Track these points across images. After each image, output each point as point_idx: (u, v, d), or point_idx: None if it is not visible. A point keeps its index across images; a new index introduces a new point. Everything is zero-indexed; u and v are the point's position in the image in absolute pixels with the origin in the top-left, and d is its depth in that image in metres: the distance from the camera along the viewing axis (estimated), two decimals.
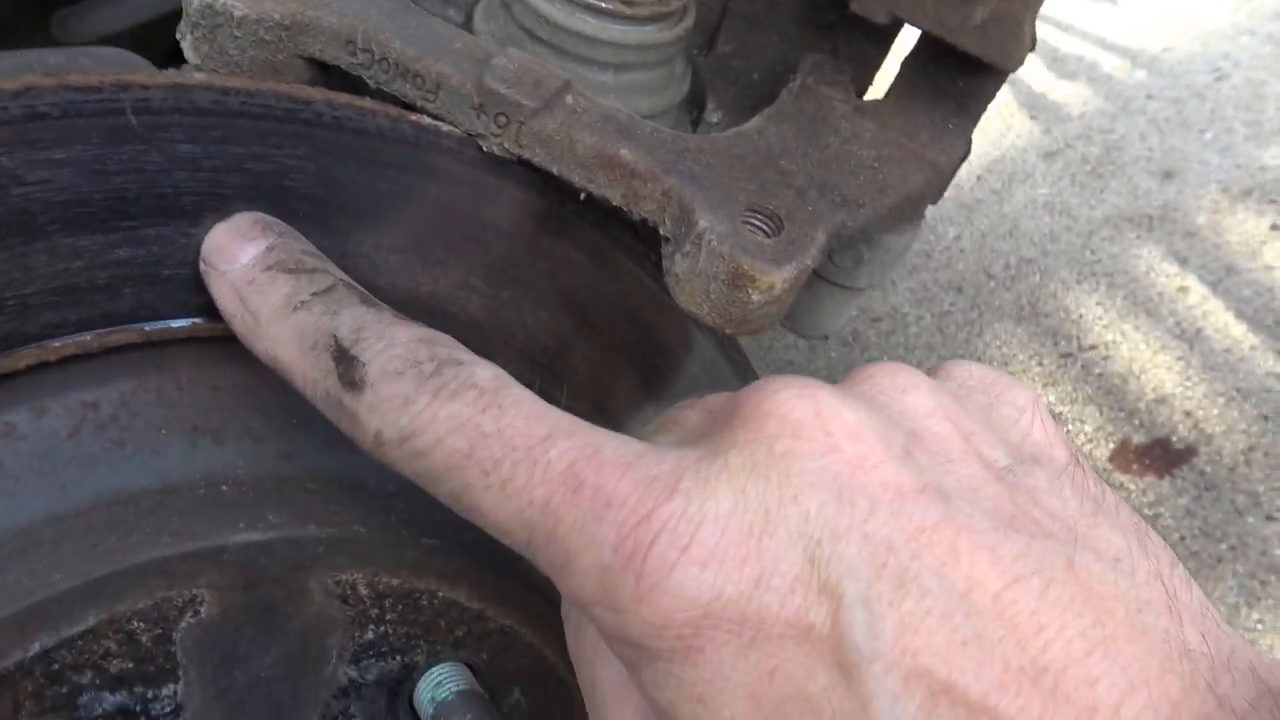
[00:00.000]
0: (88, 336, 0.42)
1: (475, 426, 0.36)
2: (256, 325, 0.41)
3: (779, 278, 0.44)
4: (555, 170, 0.47)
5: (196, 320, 0.44)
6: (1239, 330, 2.16)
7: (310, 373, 0.40)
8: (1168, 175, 2.61)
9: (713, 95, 0.57)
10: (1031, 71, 2.99)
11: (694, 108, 0.58)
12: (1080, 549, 0.33)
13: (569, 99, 0.47)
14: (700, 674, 0.33)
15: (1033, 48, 0.51)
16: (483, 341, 0.52)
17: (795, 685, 0.32)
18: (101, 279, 0.42)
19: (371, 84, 0.47)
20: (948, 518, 0.33)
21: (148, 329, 0.43)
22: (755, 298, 0.44)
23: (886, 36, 0.50)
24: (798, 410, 0.35)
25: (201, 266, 0.43)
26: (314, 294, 0.41)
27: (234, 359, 0.45)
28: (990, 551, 0.32)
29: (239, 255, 0.42)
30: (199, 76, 0.42)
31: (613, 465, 0.35)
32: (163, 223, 0.42)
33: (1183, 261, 2.39)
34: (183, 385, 0.45)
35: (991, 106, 0.46)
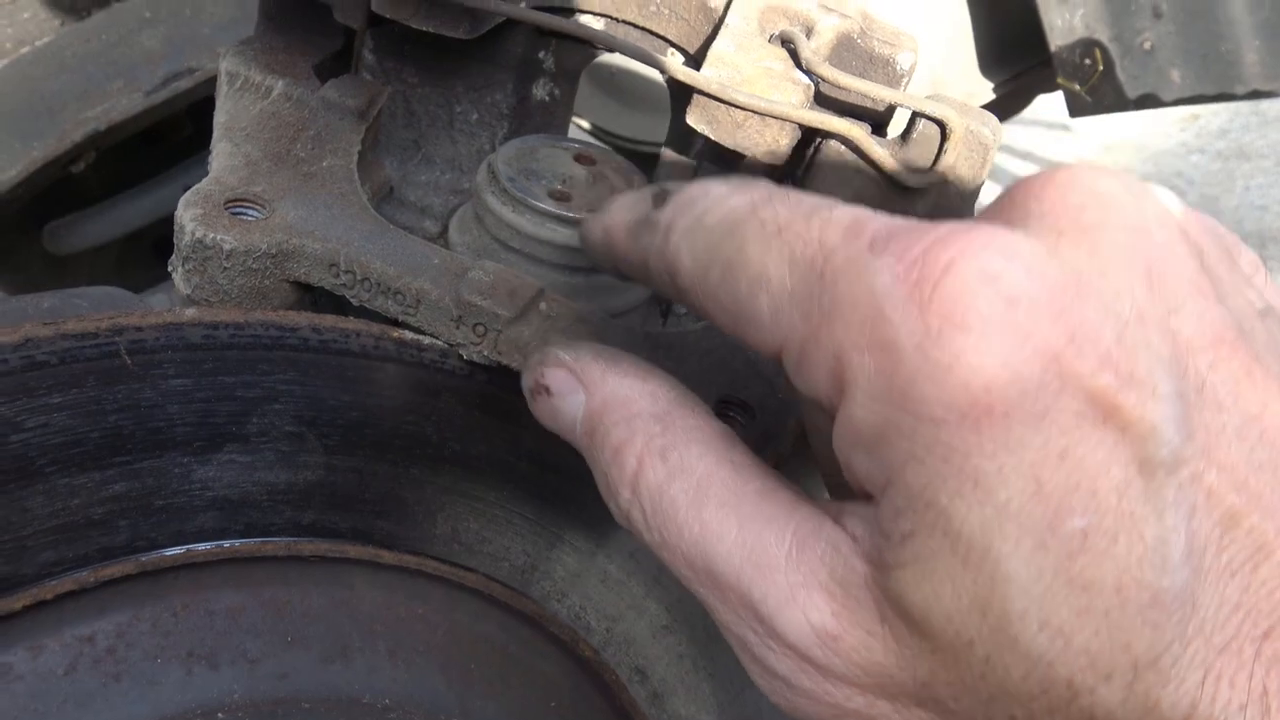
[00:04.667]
0: (85, 572, 0.43)
1: (760, 194, 0.35)
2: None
3: None
4: None
5: (191, 546, 0.45)
6: None
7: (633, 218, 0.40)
8: None
9: None
10: None
11: (663, 300, 0.60)
12: None
13: (543, 305, 0.49)
14: (982, 445, 0.28)
15: None
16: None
17: (1085, 475, 0.28)
18: (98, 514, 0.43)
19: (355, 302, 0.49)
20: (1242, 338, 0.30)
21: (143, 559, 0.44)
22: None
23: None
24: (1105, 184, 0.31)
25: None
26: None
27: (226, 582, 0.46)
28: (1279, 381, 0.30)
29: None
30: (190, 313, 0.44)
31: (900, 221, 0.31)
32: (157, 455, 0.44)
33: None
34: (177, 612, 0.45)
35: None
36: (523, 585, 0.54)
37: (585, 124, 1.36)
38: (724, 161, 0.54)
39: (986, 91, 1.10)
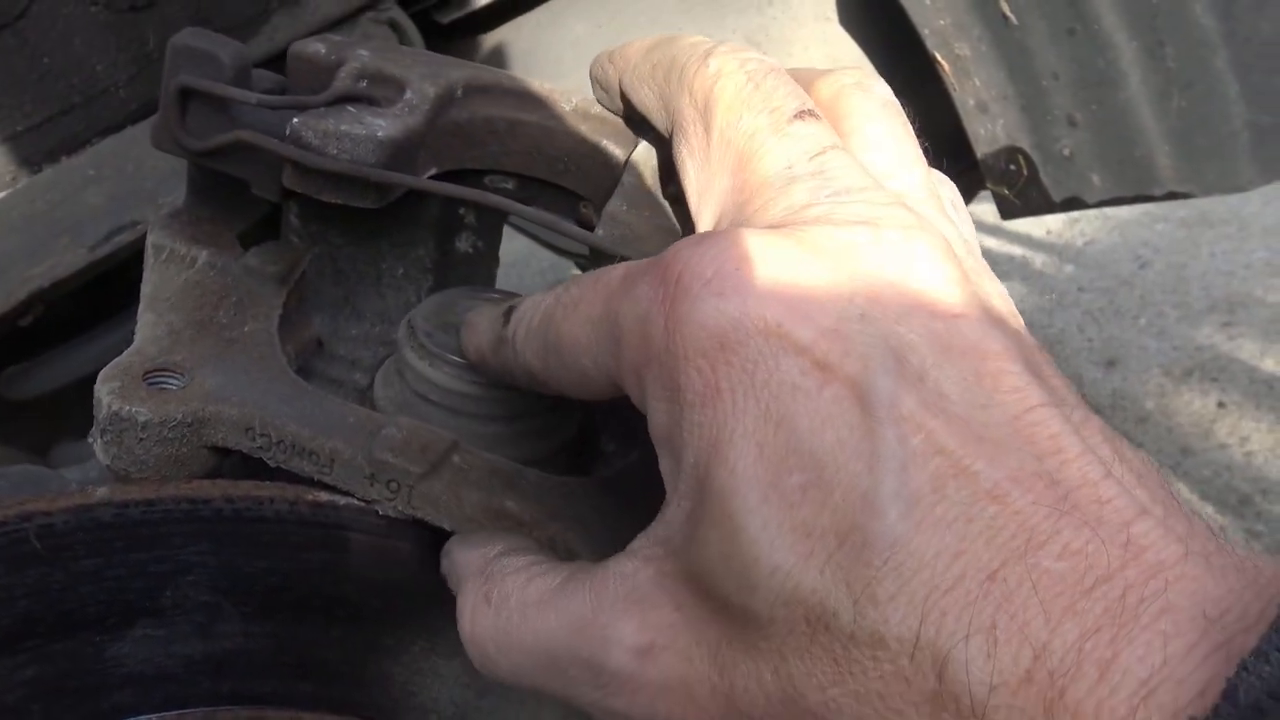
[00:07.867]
0: None
1: (565, 294, 0.41)
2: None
3: None
4: (448, 526, 0.49)
5: None
6: (1204, 512, 2.17)
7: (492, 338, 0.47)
8: (1110, 364, 2.69)
9: (604, 427, 0.61)
10: None
11: (585, 440, 0.61)
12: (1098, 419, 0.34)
13: (456, 458, 0.50)
14: (715, 417, 0.33)
15: None
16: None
17: (800, 439, 0.32)
18: (9, 700, 0.43)
19: (271, 464, 0.50)
20: (984, 339, 0.33)
21: None
22: None
23: None
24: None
25: None
26: None
27: None
28: (1017, 378, 0.33)
29: None
30: (100, 493, 0.45)
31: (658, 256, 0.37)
32: (68, 636, 0.44)
33: (1137, 448, 2.43)
34: None
35: None
36: None
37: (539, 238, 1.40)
38: None
39: None
